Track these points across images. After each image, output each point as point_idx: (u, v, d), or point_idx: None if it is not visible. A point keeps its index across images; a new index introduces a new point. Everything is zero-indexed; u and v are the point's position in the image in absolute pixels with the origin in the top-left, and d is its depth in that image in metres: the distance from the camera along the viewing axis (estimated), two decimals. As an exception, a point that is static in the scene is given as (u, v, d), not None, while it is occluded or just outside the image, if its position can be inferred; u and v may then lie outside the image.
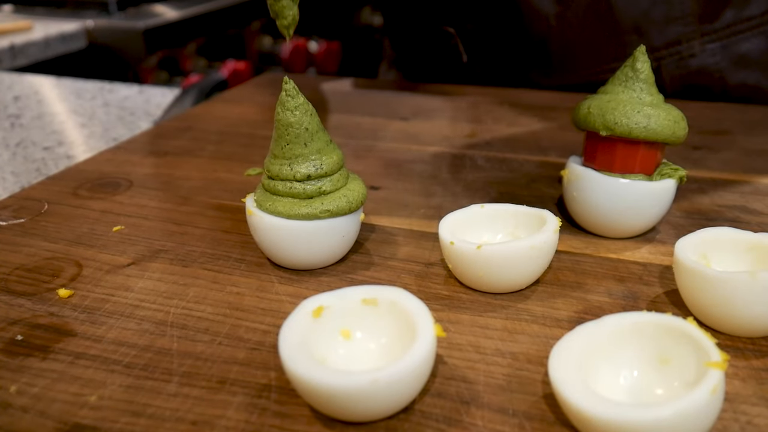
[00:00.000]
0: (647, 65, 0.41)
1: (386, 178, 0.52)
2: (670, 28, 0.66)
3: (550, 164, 0.53)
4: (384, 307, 0.31)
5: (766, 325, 0.33)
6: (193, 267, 0.41)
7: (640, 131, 0.39)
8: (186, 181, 0.52)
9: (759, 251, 0.36)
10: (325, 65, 1.99)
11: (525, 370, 0.32)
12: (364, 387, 0.27)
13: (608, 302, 0.37)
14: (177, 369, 0.32)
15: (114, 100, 0.86)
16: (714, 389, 0.25)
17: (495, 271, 0.36)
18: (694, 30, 0.65)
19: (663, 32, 0.66)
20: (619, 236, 0.43)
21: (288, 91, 0.37)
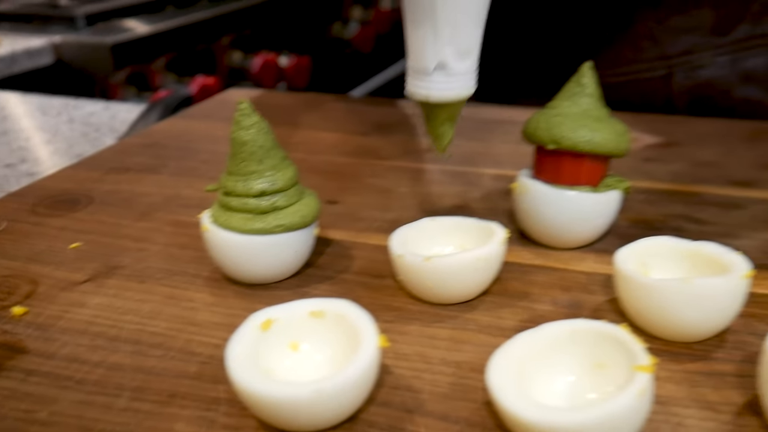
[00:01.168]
0: (593, 80, 0.42)
1: (344, 192, 0.53)
2: (683, 38, 0.67)
3: (506, 177, 0.55)
4: (331, 319, 0.32)
5: (700, 330, 0.34)
6: (149, 283, 0.41)
7: (585, 144, 0.41)
8: (146, 198, 0.52)
9: (695, 259, 0.37)
10: (296, 80, 1.99)
11: (468, 378, 0.33)
12: (307, 397, 0.27)
13: (552, 311, 0.38)
14: (128, 384, 0.33)
15: (79, 117, 0.86)
16: (641, 392, 0.26)
17: (442, 282, 0.37)
18: (706, 41, 0.67)
19: (677, 41, 0.68)
20: (567, 247, 0.44)
21: (242, 111, 0.38)
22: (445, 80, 0.36)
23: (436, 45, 0.35)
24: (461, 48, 0.35)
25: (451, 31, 0.35)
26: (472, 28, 0.35)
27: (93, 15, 1.52)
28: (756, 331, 0.36)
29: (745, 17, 0.66)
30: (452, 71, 0.36)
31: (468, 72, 0.36)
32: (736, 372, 0.33)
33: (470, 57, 0.36)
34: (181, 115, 0.74)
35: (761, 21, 0.66)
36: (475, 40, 0.36)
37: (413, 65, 0.36)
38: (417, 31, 0.35)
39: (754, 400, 0.31)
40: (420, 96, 0.37)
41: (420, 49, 0.36)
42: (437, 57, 0.35)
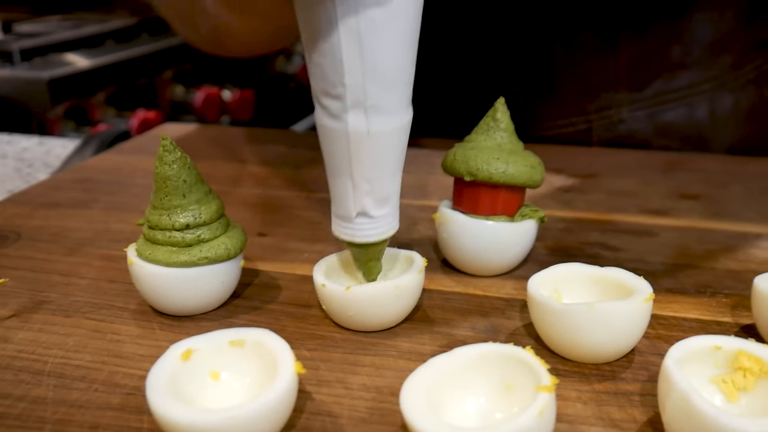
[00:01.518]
0: (507, 115, 0.44)
1: (273, 225, 0.54)
2: (602, 95, 0.70)
3: (431, 208, 0.56)
4: (250, 347, 0.33)
5: (606, 352, 0.36)
6: (75, 317, 0.41)
7: (500, 176, 0.43)
8: (75, 233, 0.53)
9: (604, 284, 0.39)
10: (239, 113, 2.00)
11: (387, 402, 0.34)
12: (223, 424, 0.28)
13: (471, 336, 0.39)
14: (50, 417, 0.33)
15: (12, 152, 0.86)
16: (541, 411, 0.28)
17: (363, 310, 0.38)
18: (623, 97, 0.70)
19: (595, 98, 0.70)
20: (487, 274, 0.46)
21: (165, 147, 0.39)
22: (367, 224, 0.38)
23: (356, 197, 0.37)
24: (379, 197, 0.37)
25: (368, 185, 0.36)
26: (389, 178, 0.37)
27: (30, 49, 1.51)
28: (661, 352, 0.38)
29: (659, 74, 0.69)
30: (373, 216, 0.37)
31: (389, 214, 0.38)
32: (641, 391, 0.35)
33: (390, 202, 0.38)
34: (115, 149, 0.74)
35: (674, 76, 0.69)
36: (392, 188, 0.38)
37: (336, 212, 0.38)
38: (336, 183, 0.37)
39: (655, 417, 0.33)
40: (345, 238, 0.38)
41: (341, 200, 0.37)
42: (357, 207, 0.37)
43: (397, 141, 0.36)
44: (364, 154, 0.35)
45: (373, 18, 0.32)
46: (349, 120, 0.35)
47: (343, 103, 0.34)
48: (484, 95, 0.69)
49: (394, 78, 0.34)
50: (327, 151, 0.37)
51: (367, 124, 0.35)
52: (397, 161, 0.37)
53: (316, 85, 0.35)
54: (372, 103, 0.34)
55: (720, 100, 0.70)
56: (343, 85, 0.34)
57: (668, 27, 0.67)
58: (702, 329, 0.40)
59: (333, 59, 0.33)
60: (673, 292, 0.44)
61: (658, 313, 0.41)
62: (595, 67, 0.69)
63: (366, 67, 0.33)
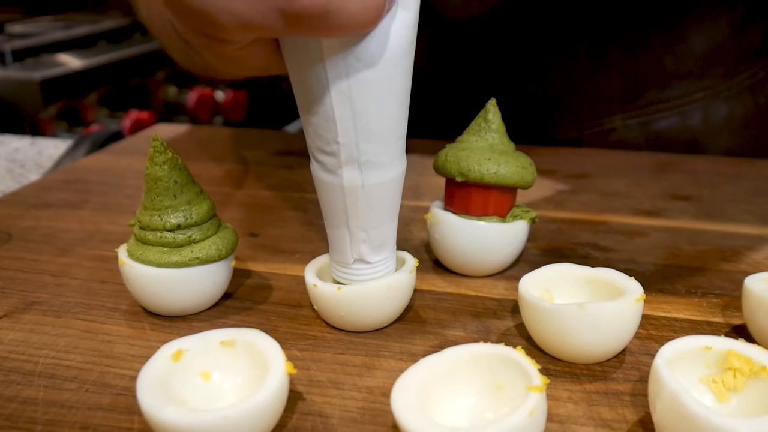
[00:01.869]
0: (498, 116, 0.44)
1: (265, 225, 0.54)
2: (593, 104, 0.70)
3: (424, 209, 0.56)
4: (241, 348, 0.33)
5: (597, 352, 0.36)
6: (66, 317, 0.41)
7: (491, 177, 0.43)
8: (67, 234, 0.52)
9: (595, 284, 0.39)
10: (232, 114, 2.00)
11: (378, 402, 0.34)
12: (214, 424, 0.28)
13: (463, 336, 0.39)
14: (41, 417, 0.33)
15: (4, 153, 0.85)
16: (532, 411, 0.28)
17: (355, 311, 0.38)
18: (615, 106, 0.70)
19: (587, 108, 0.70)
20: (479, 274, 0.46)
21: (156, 147, 0.39)
22: (365, 269, 0.38)
23: (353, 245, 0.38)
24: (375, 244, 0.38)
25: (365, 233, 0.37)
26: (385, 226, 0.38)
27: (22, 50, 1.50)
28: (652, 352, 0.38)
29: (652, 84, 0.69)
30: (370, 262, 0.38)
31: (386, 258, 0.39)
32: (632, 391, 0.35)
33: (386, 248, 0.39)
34: (106, 150, 0.74)
35: (668, 86, 0.69)
36: (388, 235, 0.38)
37: (334, 257, 0.39)
38: (334, 232, 0.38)
39: (646, 417, 0.33)
40: (344, 282, 0.39)
41: (339, 247, 0.38)
42: (354, 254, 0.38)
43: (392, 191, 0.37)
44: (360, 206, 0.36)
45: (364, 79, 0.33)
46: (344, 175, 0.35)
47: (337, 160, 0.35)
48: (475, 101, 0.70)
49: (387, 134, 0.35)
50: (324, 203, 0.38)
51: (362, 178, 0.35)
52: (392, 209, 0.38)
53: (311, 142, 0.36)
54: (366, 159, 0.35)
55: (714, 109, 0.70)
56: (336, 143, 0.34)
57: (661, 37, 0.67)
58: (693, 329, 0.40)
59: (326, 119, 0.34)
60: (664, 292, 0.44)
61: (649, 313, 0.41)
62: (587, 77, 0.69)
63: (358, 126, 0.34)
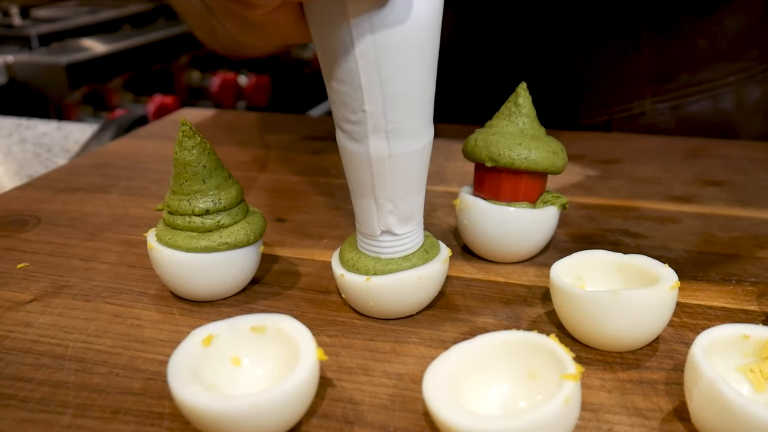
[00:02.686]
0: (529, 101, 0.44)
1: (293, 210, 0.53)
2: (623, 88, 0.69)
3: (451, 194, 0.56)
4: (271, 333, 0.33)
5: (631, 340, 0.36)
6: (95, 301, 0.41)
7: (522, 162, 0.42)
8: (94, 218, 0.53)
9: (628, 271, 0.38)
10: (255, 99, 2.00)
11: (408, 389, 0.34)
12: (246, 410, 0.28)
13: (493, 323, 0.39)
14: (72, 401, 0.33)
15: (31, 137, 0.86)
16: (567, 400, 0.27)
17: (384, 300, 0.38)
18: (646, 90, 0.69)
19: (617, 91, 0.69)
20: (508, 261, 0.45)
21: (185, 132, 0.39)
22: (392, 241, 0.38)
23: (380, 216, 0.37)
24: (402, 216, 0.37)
25: (392, 204, 0.37)
26: (412, 197, 0.37)
27: (47, 35, 1.51)
28: (686, 340, 0.37)
29: (684, 67, 0.68)
30: (398, 234, 0.38)
31: (414, 231, 0.39)
32: (666, 380, 0.35)
33: (413, 220, 0.38)
34: (132, 134, 0.74)
35: (700, 69, 0.68)
36: (415, 206, 0.38)
37: (361, 229, 0.39)
38: (360, 203, 0.38)
39: (681, 406, 0.33)
40: (371, 255, 0.39)
41: (365, 219, 0.38)
42: (382, 225, 0.38)
43: (419, 161, 0.37)
44: (387, 175, 0.36)
45: (390, 43, 0.32)
46: (371, 144, 0.35)
47: (364, 128, 0.34)
48: (503, 85, 0.69)
49: (414, 101, 0.34)
50: (350, 173, 0.37)
51: (389, 147, 0.35)
52: (419, 180, 0.37)
53: (336, 111, 0.35)
54: (393, 128, 0.34)
55: (748, 92, 0.68)
56: (363, 111, 0.34)
57: (693, 20, 0.66)
58: (727, 318, 0.39)
59: (352, 86, 0.33)
60: (698, 279, 0.43)
61: (682, 301, 0.41)
62: (618, 60, 0.68)
63: (386, 94, 0.33)
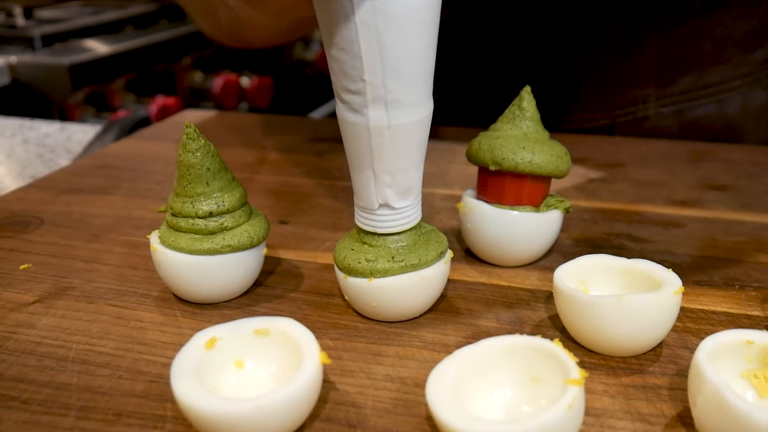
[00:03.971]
0: (533, 104, 0.44)
1: (296, 212, 0.53)
2: (627, 91, 0.69)
3: (454, 197, 0.56)
4: (275, 337, 0.32)
5: (634, 344, 0.35)
6: (98, 303, 0.41)
7: (526, 165, 0.42)
8: (97, 219, 0.53)
9: (631, 276, 0.38)
10: (258, 100, 2.00)
11: (412, 393, 0.34)
12: (249, 413, 0.28)
13: (495, 327, 0.39)
14: (75, 403, 0.33)
15: (34, 138, 0.86)
16: (571, 405, 0.27)
17: (387, 302, 0.38)
18: (650, 93, 0.68)
19: (620, 94, 0.69)
20: (511, 264, 0.45)
21: (189, 134, 0.39)
22: (390, 215, 0.38)
23: (378, 189, 0.37)
24: (401, 189, 0.37)
25: (390, 177, 0.37)
26: (411, 171, 0.37)
27: (50, 35, 1.51)
28: (690, 345, 0.37)
29: (688, 70, 0.68)
30: (395, 208, 0.38)
31: (412, 205, 0.38)
32: (669, 385, 0.34)
33: (411, 194, 0.38)
34: (135, 136, 0.74)
35: (705, 73, 0.68)
36: (414, 180, 0.38)
37: (358, 203, 0.39)
38: (358, 175, 0.37)
39: (684, 412, 0.33)
40: (368, 229, 0.39)
41: (363, 192, 0.38)
42: (380, 198, 0.37)
43: (418, 133, 0.36)
44: (385, 147, 0.36)
45: (391, 12, 0.32)
46: (370, 115, 0.35)
47: (363, 98, 0.34)
48: (506, 87, 0.69)
49: (414, 72, 0.34)
50: (349, 145, 0.37)
51: (388, 118, 0.35)
52: (418, 153, 0.37)
53: (336, 81, 0.35)
54: (392, 98, 0.34)
55: (753, 97, 0.68)
56: (362, 81, 0.34)
57: (698, 22, 0.66)
58: (731, 323, 0.39)
59: (352, 55, 0.33)
60: (701, 284, 0.43)
61: (685, 305, 0.40)
62: (621, 62, 0.68)
63: (385, 63, 0.33)
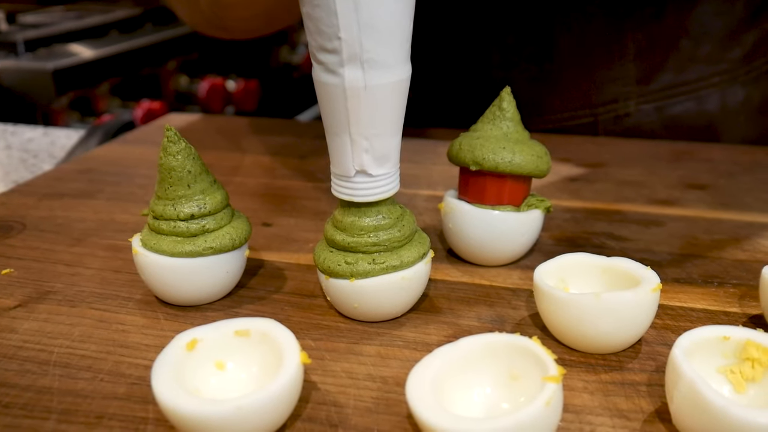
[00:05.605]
0: (513, 105, 0.44)
1: (279, 214, 0.54)
2: (608, 88, 0.69)
3: (437, 198, 0.56)
4: (256, 337, 0.33)
5: (613, 341, 0.36)
6: (80, 307, 0.41)
7: (506, 165, 0.42)
8: (80, 223, 0.52)
9: (611, 274, 0.39)
10: (244, 104, 1.99)
11: (393, 392, 0.34)
12: (230, 414, 0.28)
13: (477, 326, 0.39)
14: (56, 407, 0.33)
15: (17, 143, 0.86)
16: (548, 401, 0.28)
17: (368, 302, 0.38)
18: (630, 90, 0.69)
19: (602, 91, 0.70)
20: (493, 264, 0.45)
21: (169, 137, 0.39)
22: (367, 182, 0.37)
23: (354, 154, 0.36)
24: (378, 155, 0.37)
25: (367, 141, 0.36)
26: (388, 136, 0.37)
27: (34, 40, 1.50)
28: (668, 342, 0.38)
29: (668, 66, 0.68)
30: (373, 175, 0.37)
31: (389, 174, 0.38)
32: (648, 381, 0.35)
33: (389, 161, 0.37)
34: (119, 140, 0.74)
35: (684, 70, 0.68)
36: (392, 147, 0.37)
37: (335, 171, 0.38)
38: (334, 141, 0.37)
39: (662, 407, 0.33)
40: (344, 198, 0.38)
41: (339, 158, 0.37)
42: (356, 165, 0.37)
43: (395, 97, 0.36)
44: (362, 109, 0.35)
45: None
46: (346, 74, 0.34)
47: (339, 57, 0.34)
48: (488, 85, 0.69)
49: (391, 31, 0.34)
50: (325, 109, 0.36)
51: (364, 78, 0.34)
52: (395, 118, 0.36)
53: (312, 41, 0.35)
54: (368, 57, 0.34)
55: (731, 94, 0.69)
56: (338, 39, 0.33)
57: (677, 19, 0.67)
58: (710, 319, 0.40)
59: (327, 11, 0.33)
60: (681, 282, 0.43)
61: (665, 303, 0.41)
62: (602, 60, 0.68)
63: (361, 20, 0.33)
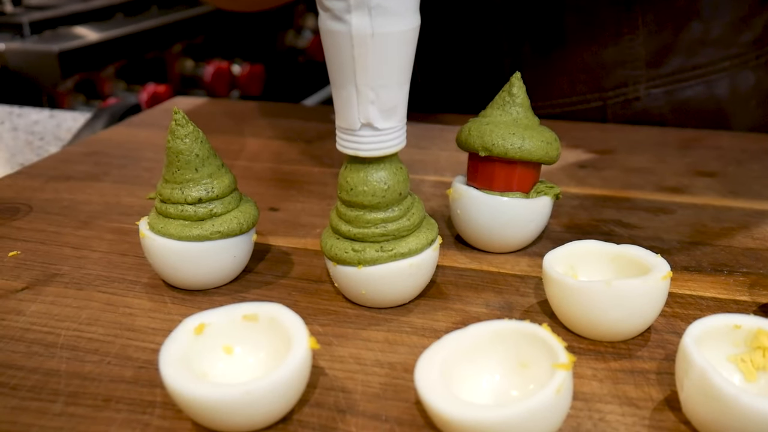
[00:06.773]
0: (523, 90, 0.44)
1: (286, 199, 0.53)
2: (617, 71, 0.69)
3: (445, 184, 0.56)
4: (264, 322, 0.32)
5: (623, 329, 0.36)
6: (87, 290, 0.41)
7: (515, 152, 0.42)
8: (87, 206, 0.52)
9: (620, 261, 0.38)
10: (249, 88, 1.99)
11: (401, 378, 0.34)
12: (238, 399, 0.28)
13: (485, 313, 0.39)
14: (64, 389, 0.33)
15: (23, 125, 0.85)
16: (559, 389, 0.28)
17: (376, 289, 0.38)
18: (640, 74, 0.68)
19: (611, 74, 0.69)
20: (501, 251, 0.45)
21: (177, 121, 0.39)
22: (373, 136, 0.36)
23: (360, 106, 0.35)
24: (384, 108, 0.36)
25: (373, 93, 0.35)
26: (395, 89, 0.36)
27: (40, 22, 1.50)
28: (678, 330, 0.38)
29: (678, 50, 0.68)
30: (378, 129, 0.36)
31: (396, 128, 0.37)
32: (657, 369, 0.35)
33: (396, 115, 0.36)
34: (125, 123, 0.74)
35: (694, 53, 0.68)
36: (399, 99, 0.36)
37: (340, 124, 0.37)
38: (340, 92, 0.36)
39: (672, 395, 0.33)
40: (349, 152, 0.37)
41: (345, 110, 0.36)
42: (362, 117, 0.36)
43: (403, 47, 0.35)
44: (369, 58, 0.34)
45: None
46: (353, 21, 0.33)
47: (346, 3, 0.33)
48: (497, 70, 0.68)
49: None
50: (331, 59, 0.35)
51: (372, 25, 0.33)
52: (403, 69, 0.36)
53: None
54: (376, 3, 0.33)
55: (741, 78, 0.68)
56: None
57: (687, 3, 0.66)
58: (719, 308, 0.39)
59: None
60: (690, 270, 0.43)
61: (674, 291, 0.41)
62: (612, 43, 0.68)
63: None
